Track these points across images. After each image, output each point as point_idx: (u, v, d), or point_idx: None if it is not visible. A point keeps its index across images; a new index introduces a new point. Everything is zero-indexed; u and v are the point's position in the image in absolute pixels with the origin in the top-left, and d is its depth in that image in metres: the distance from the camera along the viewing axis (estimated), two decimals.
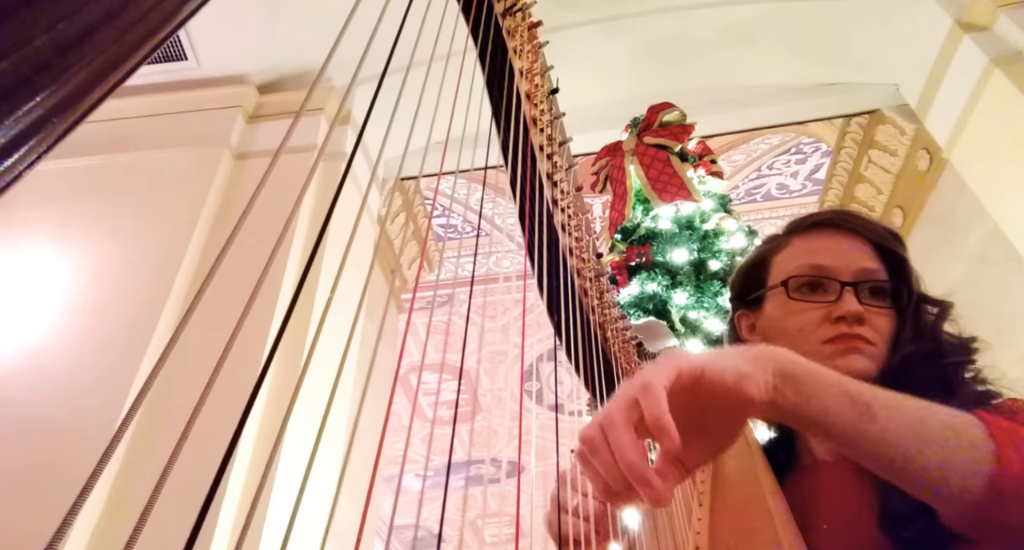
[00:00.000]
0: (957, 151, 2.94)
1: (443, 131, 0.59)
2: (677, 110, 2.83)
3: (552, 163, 0.84)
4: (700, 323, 2.29)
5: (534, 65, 0.84)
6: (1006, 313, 2.63)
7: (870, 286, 0.82)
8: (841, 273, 0.83)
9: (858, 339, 0.79)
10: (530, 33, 0.84)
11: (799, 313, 0.83)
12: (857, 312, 0.79)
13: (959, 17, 2.81)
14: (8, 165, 0.20)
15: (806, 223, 0.91)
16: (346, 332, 0.49)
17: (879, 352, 0.79)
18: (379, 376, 3.07)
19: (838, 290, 0.82)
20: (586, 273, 0.96)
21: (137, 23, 0.22)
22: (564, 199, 0.92)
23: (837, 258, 0.84)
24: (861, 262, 0.83)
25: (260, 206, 0.39)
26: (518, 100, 0.79)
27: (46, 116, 0.20)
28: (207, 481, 0.34)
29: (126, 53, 0.22)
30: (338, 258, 0.49)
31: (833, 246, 0.86)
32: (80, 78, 0.21)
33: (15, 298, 2.55)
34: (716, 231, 2.56)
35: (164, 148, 2.97)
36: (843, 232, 0.87)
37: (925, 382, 0.73)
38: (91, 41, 0.21)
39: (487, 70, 0.77)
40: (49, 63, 0.20)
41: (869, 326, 0.80)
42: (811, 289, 0.84)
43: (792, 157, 4.89)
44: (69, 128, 0.21)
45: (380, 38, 0.48)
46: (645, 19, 3.19)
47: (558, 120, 0.86)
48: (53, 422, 2.18)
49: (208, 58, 3.18)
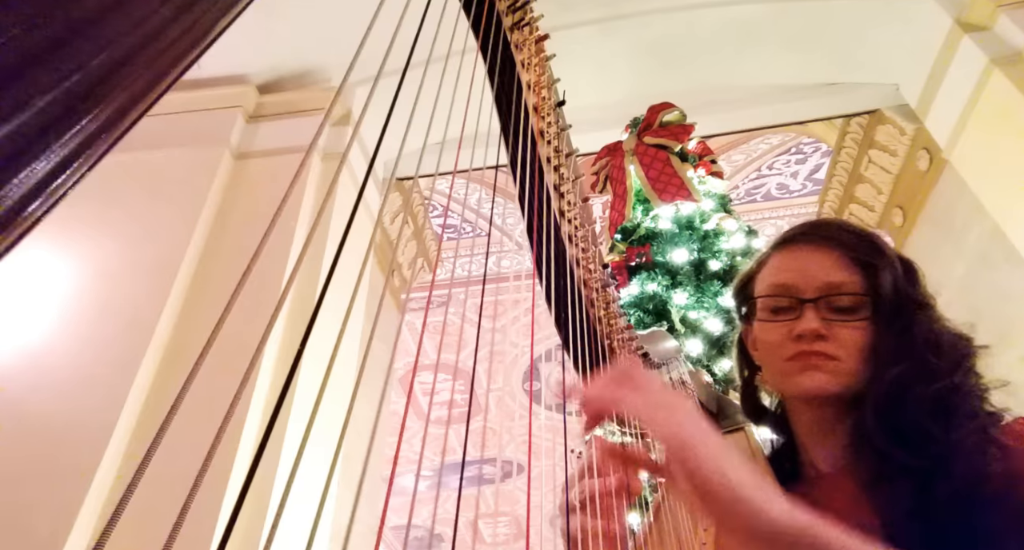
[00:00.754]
0: (957, 151, 2.94)
1: (442, 131, 0.59)
2: (677, 110, 2.84)
3: (559, 175, 0.84)
4: (700, 323, 2.29)
5: (541, 78, 0.85)
6: (1006, 313, 2.63)
7: (834, 301, 0.82)
8: (803, 290, 0.83)
9: (816, 355, 0.79)
10: (537, 46, 0.85)
11: (770, 331, 0.85)
12: (812, 329, 0.79)
13: (959, 17, 2.81)
14: (56, 185, 0.22)
15: (780, 239, 0.92)
16: (346, 332, 0.49)
17: (845, 366, 0.79)
18: (378, 376, 3.07)
19: (798, 308, 0.82)
20: (592, 283, 0.96)
21: (170, 48, 0.25)
22: (571, 210, 0.92)
23: (799, 275, 0.84)
24: (827, 276, 0.83)
25: (260, 206, 0.39)
26: (526, 113, 0.80)
27: (89, 140, 0.22)
28: (207, 481, 0.34)
29: (160, 76, 0.25)
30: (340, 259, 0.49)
31: (798, 263, 0.86)
32: (118, 103, 0.23)
33: (15, 298, 2.55)
34: (716, 231, 2.56)
35: (164, 148, 2.97)
36: (812, 246, 0.87)
37: (923, 410, 0.72)
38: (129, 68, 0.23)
39: (495, 85, 0.78)
40: (91, 92, 0.22)
41: (833, 340, 0.79)
42: (775, 310, 0.85)
43: (792, 157, 4.89)
44: (108, 148, 0.23)
45: (380, 38, 0.48)
46: (645, 19, 3.19)
47: (564, 132, 0.87)
48: (53, 422, 2.18)
49: (208, 58, 3.16)
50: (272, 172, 2.83)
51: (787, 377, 0.81)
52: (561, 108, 0.86)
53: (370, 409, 0.58)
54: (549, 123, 0.85)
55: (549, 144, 0.84)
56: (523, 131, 0.78)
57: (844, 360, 0.79)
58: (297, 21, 3.05)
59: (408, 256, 3.96)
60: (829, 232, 0.87)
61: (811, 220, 0.93)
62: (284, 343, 2.48)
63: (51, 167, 0.21)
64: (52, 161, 0.21)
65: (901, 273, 0.84)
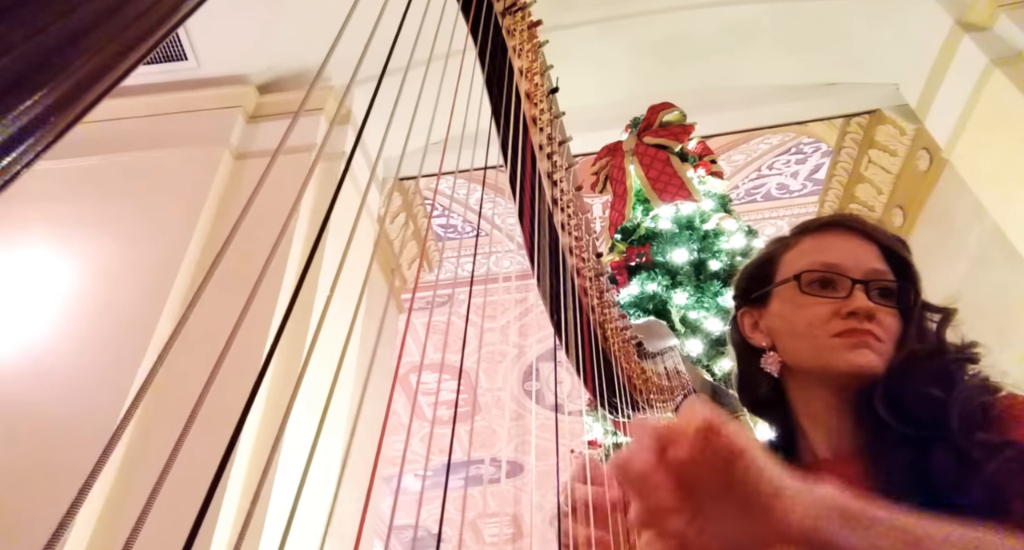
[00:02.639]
0: (957, 151, 2.94)
1: (443, 131, 0.59)
2: (677, 110, 2.84)
3: (552, 162, 0.83)
4: (700, 323, 2.29)
5: (534, 64, 0.84)
6: (1006, 313, 2.63)
7: (879, 286, 0.84)
8: (852, 271, 0.85)
9: (868, 335, 0.81)
10: (530, 32, 0.84)
11: (809, 308, 0.85)
12: (869, 308, 0.81)
13: (959, 17, 2.81)
14: (6, 164, 0.20)
15: (816, 224, 0.94)
16: (346, 332, 0.49)
17: (887, 350, 0.81)
18: (378, 376, 3.07)
19: (849, 287, 0.83)
20: (586, 272, 0.96)
21: (136, 20, 0.22)
22: (564, 198, 0.91)
23: (848, 257, 0.86)
24: (871, 262, 0.85)
25: (260, 206, 0.39)
26: (517, 99, 0.79)
27: (45, 114, 0.20)
28: (207, 479, 0.34)
29: (126, 50, 0.22)
30: (338, 258, 0.49)
31: (844, 245, 0.88)
32: (79, 75, 0.21)
33: (15, 298, 2.55)
34: (716, 231, 2.56)
35: (164, 148, 2.97)
36: (853, 233, 0.89)
37: (927, 378, 0.75)
38: (90, 38, 0.21)
39: (486, 69, 0.77)
40: (47, 61, 0.20)
41: (877, 324, 0.82)
42: (822, 285, 0.86)
43: (792, 157, 4.89)
44: (68, 126, 0.21)
45: (380, 38, 0.48)
46: (645, 19, 3.19)
47: (558, 119, 0.86)
48: (53, 422, 2.18)
49: (208, 58, 3.18)
50: (272, 172, 2.82)
51: (834, 352, 0.81)
52: (554, 95, 0.85)
53: (370, 408, 0.58)
54: (542, 110, 0.84)
55: (542, 131, 0.83)
56: (515, 117, 0.77)
57: (886, 343, 0.81)
58: (297, 21, 3.05)
59: (408, 256, 3.96)
60: (866, 226, 0.90)
61: (843, 213, 0.95)
62: (284, 344, 2.47)
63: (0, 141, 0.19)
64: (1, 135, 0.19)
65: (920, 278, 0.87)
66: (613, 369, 0.90)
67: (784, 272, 0.90)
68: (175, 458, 0.29)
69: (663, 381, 1.15)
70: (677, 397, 1.22)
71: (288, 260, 2.64)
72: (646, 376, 1.03)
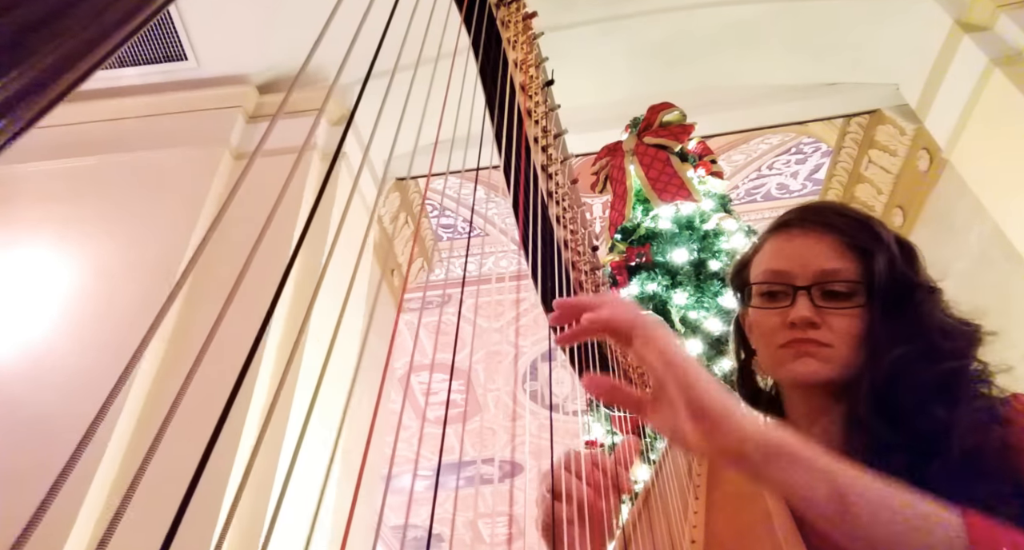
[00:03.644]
0: (957, 151, 2.94)
1: (443, 131, 0.59)
2: (677, 110, 2.83)
3: (547, 155, 0.82)
4: (700, 323, 2.28)
5: (528, 57, 0.83)
6: (1006, 313, 2.63)
7: (827, 288, 0.82)
8: (796, 277, 0.83)
9: (809, 343, 0.79)
10: (524, 24, 0.83)
11: (764, 318, 0.85)
12: (804, 318, 0.80)
13: (959, 17, 2.81)
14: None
15: (776, 223, 0.91)
16: (346, 332, 0.49)
17: (837, 353, 0.79)
18: (377, 376, 3.07)
19: (791, 295, 0.82)
20: (581, 266, 0.95)
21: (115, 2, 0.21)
22: (559, 191, 0.90)
23: (793, 262, 0.84)
24: (821, 263, 0.83)
25: (258, 206, 0.39)
26: (512, 91, 0.78)
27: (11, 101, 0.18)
28: (205, 479, 0.34)
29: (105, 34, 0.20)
30: (338, 257, 0.49)
31: (792, 249, 0.86)
32: (51, 60, 0.19)
33: (15, 298, 2.55)
34: (716, 231, 2.55)
35: (164, 148, 2.97)
36: (805, 231, 0.86)
37: (924, 388, 0.72)
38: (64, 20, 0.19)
39: (480, 59, 0.76)
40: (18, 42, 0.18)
41: (826, 328, 0.80)
42: (770, 296, 0.85)
43: (792, 157, 4.89)
44: (39, 114, 0.19)
45: (380, 38, 0.48)
46: (645, 19, 3.19)
47: (553, 112, 0.84)
48: (53, 422, 2.18)
49: (208, 58, 3.18)
50: (272, 172, 2.82)
51: (780, 364, 0.82)
52: (550, 88, 0.84)
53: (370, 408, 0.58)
54: (537, 103, 0.83)
55: (537, 124, 0.82)
56: (509, 109, 0.76)
57: (837, 347, 0.79)
58: (297, 21, 3.05)
59: (407, 256, 3.96)
60: (824, 217, 0.86)
61: (807, 203, 0.93)
62: (283, 344, 2.48)
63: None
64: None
65: (899, 257, 0.83)
66: (609, 363, 0.90)
67: (752, 279, 0.90)
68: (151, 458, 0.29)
69: None
70: None
71: (287, 261, 2.64)
72: (642, 370, 1.03)
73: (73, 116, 3.14)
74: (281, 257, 2.78)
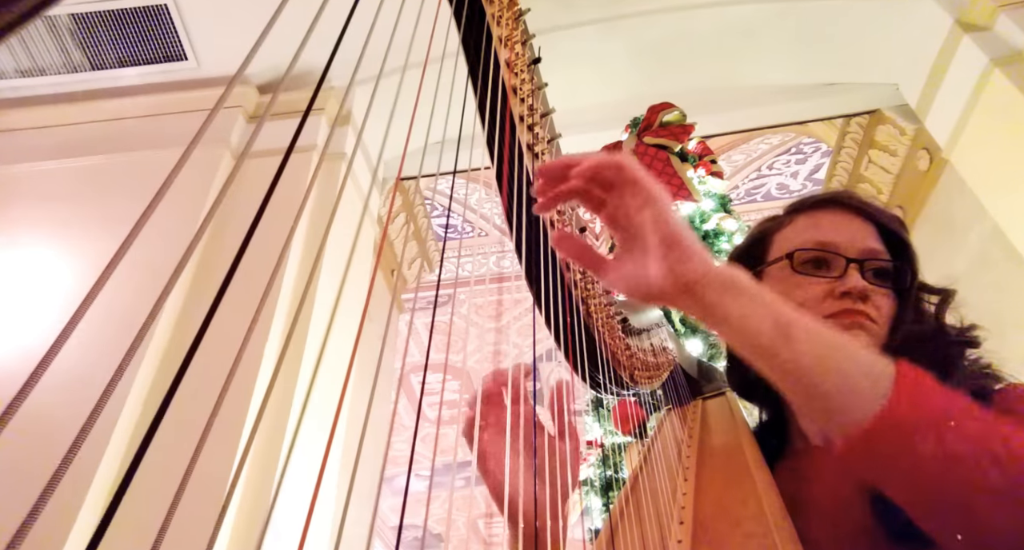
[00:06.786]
0: (957, 151, 2.94)
1: (443, 131, 0.59)
2: (677, 110, 2.83)
3: (533, 134, 0.81)
4: (700, 323, 2.28)
5: (514, 33, 0.82)
6: (1006, 313, 2.63)
7: (875, 266, 0.82)
8: (847, 250, 0.82)
9: (862, 315, 0.78)
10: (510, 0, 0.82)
11: (802, 287, 0.82)
12: (863, 288, 0.78)
13: (959, 17, 2.81)
14: None
15: (811, 201, 0.90)
16: (347, 332, 0.49)
17: (880, 331, 0.78)
18: (381, 376, 3.07)
19: (843, 266, 0.81)
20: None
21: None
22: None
23: (843, 235, 0.83)
24: (866, 241, 0.83)
25: (258, 206, 0.39)
26: (496, 66, 0.76)
27: None
28: (206, 480, 0.34)
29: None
30: (338, 258, 0.49)
31: (839, 223, 0.85)
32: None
33: (15, 298, 2.55)
34: (716, 231, 2.55)
35: (164, 148, 2.97)
36: (849, 211, 0.86)
37: (925, 362, 0.73)
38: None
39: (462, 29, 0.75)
40: None
41: (872, 304, 0.79)
42: (815, 264, 0.83)
43: (792, 157, 4.89)
44: None
45: (380, 38, 0.48)
46: (645, 19, 3.19)
47: (540, 91, 0.83)
48: (53, 422, 2.18)
49: (208, 58, 3.18)
50: (273, 172, 2.82)
51: None
52: (537, 66, 0.83)
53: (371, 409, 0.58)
54: (523, 80, 0.82)
55: (523, 102, 0.81)
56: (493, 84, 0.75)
57: (880, 325, 0.79)
58: (297, 21, 3.05)
59: (408, 257, 3.96)
60: (863, 203, 0.87)
61: (839, 189, 0.93)
62: (283, 343, 2.47)
63: None
64: None
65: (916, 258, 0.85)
66: (596, 345, 0.89)
67: (776, 251, 0.88)
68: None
69: (648, 357, 1.13)
70: (663, 373, 1.20)
71: (288, 261, 2.64)
72: (631, 352, 1.02)
73: (73, 116, 3.14)
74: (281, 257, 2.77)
